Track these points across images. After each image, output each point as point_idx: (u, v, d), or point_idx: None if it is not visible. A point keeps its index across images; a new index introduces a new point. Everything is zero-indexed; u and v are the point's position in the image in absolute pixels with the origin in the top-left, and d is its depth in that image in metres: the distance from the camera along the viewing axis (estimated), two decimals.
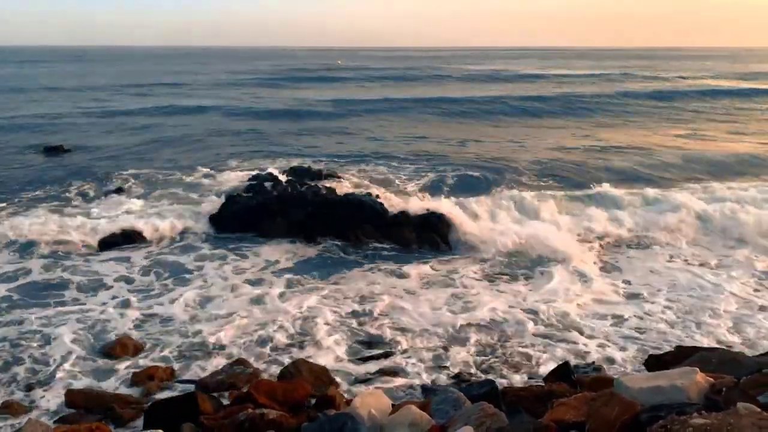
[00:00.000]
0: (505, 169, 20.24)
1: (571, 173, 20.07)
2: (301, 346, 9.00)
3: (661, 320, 10.03)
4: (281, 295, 10.86)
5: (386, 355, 8.68)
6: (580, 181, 18.86)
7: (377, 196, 15.92)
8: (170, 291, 11.02)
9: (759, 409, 3.39)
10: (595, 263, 12.62)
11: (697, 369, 4.44)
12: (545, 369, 8.12)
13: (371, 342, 9.15)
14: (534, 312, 10.22)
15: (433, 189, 18.07)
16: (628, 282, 11.72)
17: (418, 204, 15.18)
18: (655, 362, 6.68)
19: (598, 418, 3.87)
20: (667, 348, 8.48)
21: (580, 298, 10.85)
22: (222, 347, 8.99)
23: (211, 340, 9.20)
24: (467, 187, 18.22)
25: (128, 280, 11.47)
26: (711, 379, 4.36)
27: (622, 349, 9.03)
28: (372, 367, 8.41)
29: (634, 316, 10.18)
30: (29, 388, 7.77)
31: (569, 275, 11.85)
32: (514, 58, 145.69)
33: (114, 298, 10.71)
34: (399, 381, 8.00)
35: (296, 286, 11.34)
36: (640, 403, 4.02)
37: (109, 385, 7.92)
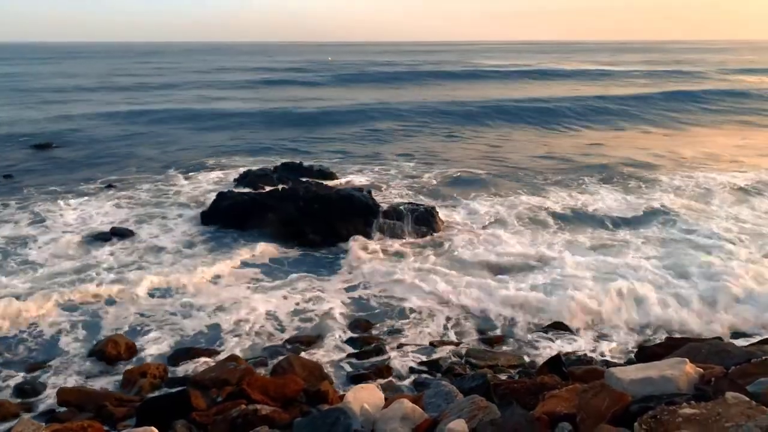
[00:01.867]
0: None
1: None
2: (294, 342, 9.00)
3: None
4: (273, 291, 10.84)
5: (379, 350, 8.68)
6: None
7: (369, 191, 15.92)
8: (162, 288, 10.96)
9: (747, 398, 3.42)
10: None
11: (687, 359, 4.46)
12: (538, 361, 8.15)
13: (365, 337, 9.15)
14: (525, 303, 10.24)
15: (427, 187, 18.18)
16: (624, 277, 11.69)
17: (407, 199, 15.20)
18: (645, 353, 6.71)
19: (589, 409, 3.89)
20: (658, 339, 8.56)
21: (570, 289, 10.87)
22: (214, 343, 8.98)
23: (204, 336, 9.19)
24: (464, 185, 18.29)
25: (118, 277, 11.40)
26: (700, 370, 4.39)
27: (614, 340, 9.09)
28: (365, 361, 8.42)
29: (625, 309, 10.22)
30: (21, 386, 7.73)
31: (556, 266, 11.88)
32: (515, 52, 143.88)
33: (105, 295, 10.65)
34: (392, 375, 8.02)
35: (288, 281, 11.32)
36: (630, 394, 4.04)
37: (101, 383, 7.89)
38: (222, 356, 8.41)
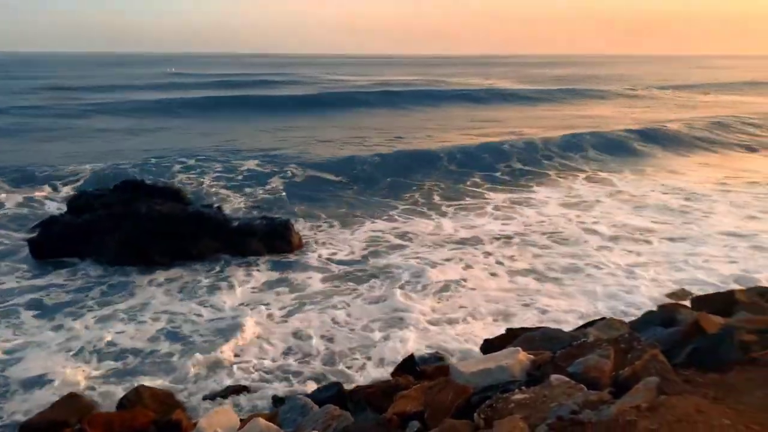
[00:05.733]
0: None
1: None
2: (142, 371, 8.48)
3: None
4: (113, 319, 10.13)
5: (234, 372, 8.45)
6: None
7: (219, 207, 15.45)
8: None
9: (567, 379, 3.83)
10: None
11: (520, 348, 4.88)
12: (395, 363, 8.39)
13: (219, 358, 8.84)
14: (380, 308, 10.53)
15: (275, 196, 18.11)
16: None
17: (259, 213, 15.02)
18: (488, 346, 7.20)
19: (435, 405, 4.12)
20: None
21: (428, 290, 11.35)
22: (49, 382, 8.19)
23: (36, 375, 8.35)
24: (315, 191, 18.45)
25: None
26: (532, 356, 4.82)
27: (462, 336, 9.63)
28: (220, 384, 8.16)
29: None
30: None
31: (414, 273, 12.35)
32: (403, 66, 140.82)
33: None
34: (249, 395, 7.84)
35: (132, 308, 10.63)
36: (472, 385, 4.34)
37: None
38: (60, 395, 7.69)
